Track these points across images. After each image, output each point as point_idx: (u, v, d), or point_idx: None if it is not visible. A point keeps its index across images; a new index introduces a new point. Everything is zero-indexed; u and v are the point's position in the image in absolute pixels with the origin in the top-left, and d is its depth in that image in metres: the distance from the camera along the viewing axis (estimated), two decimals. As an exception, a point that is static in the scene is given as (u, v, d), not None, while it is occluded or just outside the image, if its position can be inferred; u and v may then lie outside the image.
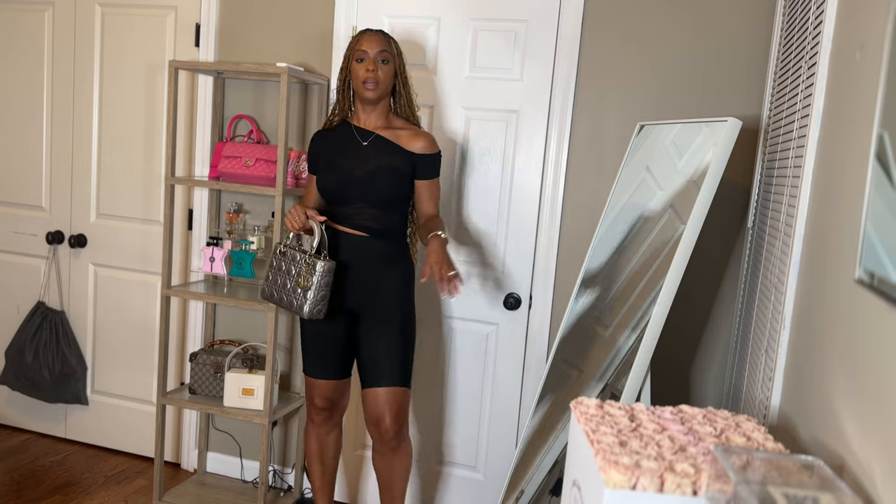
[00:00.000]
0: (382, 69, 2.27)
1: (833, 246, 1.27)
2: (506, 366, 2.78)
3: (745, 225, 2.50)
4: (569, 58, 2.59)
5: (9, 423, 3.48)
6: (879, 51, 1.10)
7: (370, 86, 2.26)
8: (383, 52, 2.27)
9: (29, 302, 3.35)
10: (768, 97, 2.30)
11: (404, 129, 2.35)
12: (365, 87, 2.26)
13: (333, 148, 2.36)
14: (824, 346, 1.26)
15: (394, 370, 2.30)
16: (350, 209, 2.32)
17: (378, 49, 2.27)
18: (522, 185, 2.70)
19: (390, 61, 2.29)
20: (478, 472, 2.87)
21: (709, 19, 2.47)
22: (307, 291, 2.19)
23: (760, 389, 1.74)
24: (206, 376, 2.84)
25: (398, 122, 2.37)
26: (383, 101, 2.34)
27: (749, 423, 1.19)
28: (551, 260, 2.68)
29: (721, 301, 2.56)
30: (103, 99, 3.18)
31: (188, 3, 3.00)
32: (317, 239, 2.23)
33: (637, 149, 2.27)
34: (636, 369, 1.82)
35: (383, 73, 2.27)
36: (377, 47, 2.27)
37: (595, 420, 1.15)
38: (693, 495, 0.94)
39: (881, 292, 0.95)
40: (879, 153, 0.99)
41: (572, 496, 1.15)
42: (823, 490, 0.86)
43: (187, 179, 2.79)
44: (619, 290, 2.06)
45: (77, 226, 3.28)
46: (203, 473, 3.15)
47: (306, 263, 2.21)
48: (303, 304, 2.20)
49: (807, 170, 1.53)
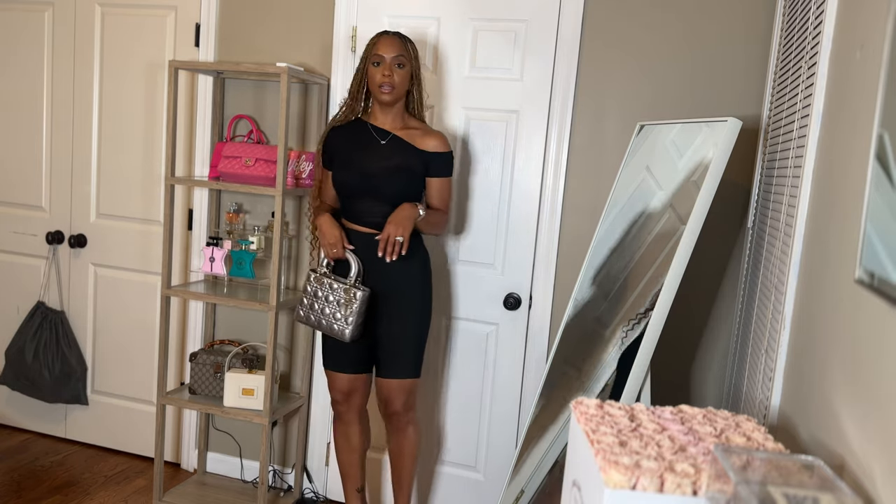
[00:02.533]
0: (398, 73, 2.33)
1: (833, 246, 1.27)
2: (506, 366, 2.78)
3: (745, 225, 2.49)
4: (569, 58, 2.59)
5: (9, 423, 3.48)
6: (879, 51, 1.10)
7: (386, 90, 2.33)
8: (399, 57, 2.33)
9: (29, 302, 3.35)
10: (768, 97, 2.30)
11: (418, 129, 2.42)
12: (381, 91, 2.33)
13: (351, 145, 2.41)
14: (824, 346, 1.26)
15: (408, 364, 2.43)
16: (364, 206, 2.37)
17: (394, 53, 2.32)
18: (522, 185, 2.70)
19: (406, 65, 2.35)
20: (478, 472, 2.87)
21: (709, 19, 2.47)
22: (348, 318, 2.31)
23: (760, 389, 1.74)
24: (206, 376, 2.84)
25: (413, 122, 2.44)
26: (399, 102, 2.40)
27: (749, 423, 1.18)
28: (551, 260, 2.68)
29: (721, 301, 2.56)
30: (103, 99, 3.18)
31: (188, 3, 3.00)
32: (354, 269, 2.34)
33: (637, 149, 2.27)
34: (636, 369, 1.82)
35: (399, 77, 2.33)
36: (393, 52, 2.32)
37: (595, 420, 1.15)
38: (693, 495, 0.94)
39: (881, 292, 0.95)
40: (879, 153, 0.99)
41: (572, 496, 1.15)
42: (823, 490, 0.86)
43: (187, 179, 2.79)
44: (620, 290, 2.06)
45: (77, 226, 3.28)
46: (203, 473, 3.15)
47: (345, 292, 2.32)
48: (344, 330, 2.32)
49: (807, 170, 1.53)
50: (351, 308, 2.30)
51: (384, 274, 2.36)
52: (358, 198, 2.38)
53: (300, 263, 2.97)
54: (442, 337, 2.85)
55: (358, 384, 2.50)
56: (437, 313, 2.83)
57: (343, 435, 2.58)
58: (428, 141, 2.39)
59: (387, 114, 2.40)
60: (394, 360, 2.41)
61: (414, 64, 2.38)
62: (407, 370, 2.42)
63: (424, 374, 2.87)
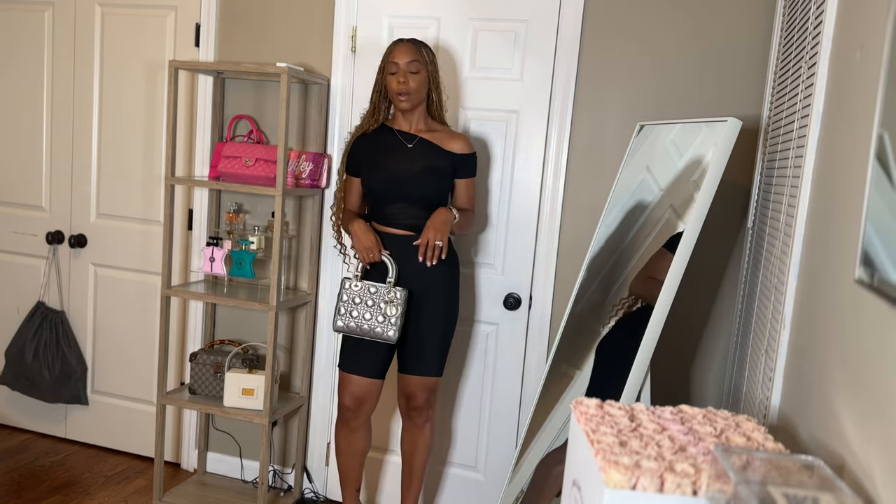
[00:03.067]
0: (413, 79, 2.37)
1: (833, 246, 1.27)
2: (506, 366, 2.78)
3: (745, 225, 2.49)
4: (569, 58, 2.59)
5: (9, 423, 3.48)
6: (879, 51, 1.10)
7: (403, 98, 2.38)
8: (413, 63, 2.36)
9: (29, 302, 3.35)
10: (768, 97, 2.30)
11: (442, 132, 2.48)
12: (399, 98, 2.38)
13: (377, 151, 2.45)
14: (824, 346, 1.26)
15: (433, 362, 2.47)
16: (395, 209, 2.42)
17: (408, 60, 2.36)
18: (522, 185, 2.70)
19: (421, 70, 2.38)
20: (478, 472, 2.87)
21: (709, 19, 2.47)
22: (391, 319, 2.36)
23: (760, 389, 1.74)
24: (206, 376, 2.84)
25: (436, 125, 2.50)
26: (420, 106, 2.45)
27: (749, 423, 1.18)
28: (551, 260, 2.68)
29: (721, 301, 2.56)
30: (103, 99, 3.18)
31: (188, 3, 3.00)
32: (393, 270, 2.37)
33: (637, 149, 2.27)
34: (636, 369, 1.82)
35: (415, 83, 2.37)
36: (407, 58, 2.36)
37: (595, 420, 1.15)
38: (693, 495, 0.94)
39: (881, 292, 0.95)
40: (879, 153, 0.99)
41: (572, 496, 1.15)
42: (823, 490, 0.86)
43: (187, 179, 2.79)
44: (620, 290, 2.06)
45: (77, 226, 3.28)
46: (203, 473, 3.15)
47: (387, 293, 2.36)
48: (388, 331, 2.36)
49: (807, 170, 1.53)
50: (394, 308, 2.34)
51: (417, 275, 2.40)
52: (389, 201, 2.42)
53: (300, 263, 2.97)
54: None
55: (372, 390, 2.49)
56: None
57: (346, 440, 2.56)
58: (453, 143, 2.44)
59: (409, 118, 2.45)
60: (421, 357, 2.45)
61: (430, 68, 2.41)
62: (432, 368, 2.46)
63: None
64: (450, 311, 2.48)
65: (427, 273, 2.40)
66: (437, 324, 2.45)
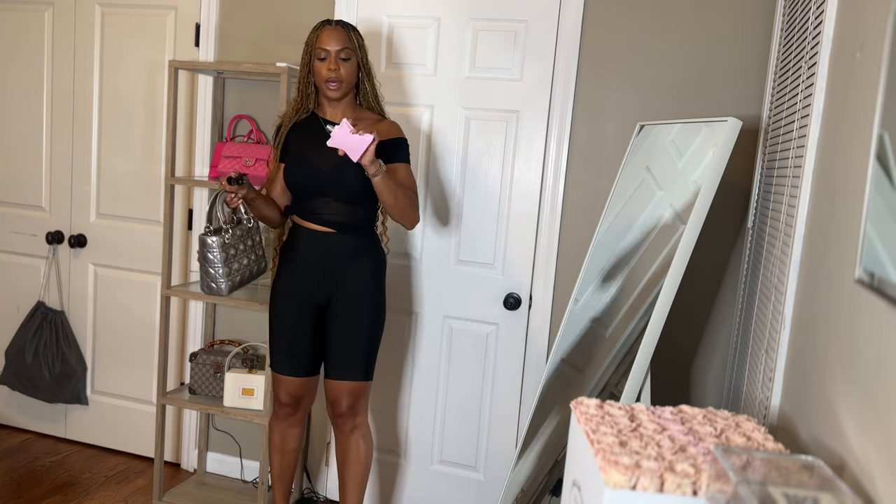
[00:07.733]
0: (344, 67, 2.23)
1: (833, 246, 1.27)
2: (506, 366, 2.78)
3: (745, 225, 2.50)
4: (569, 58, 2.59)
5: (9, 423, 3.48)
6: (879, 51, 1.10)
7: (333, 86, 2.23)
8: (345, 50, 2.23)
9: (29, 302, 3.35)
10: (768, 97, 2.30)
11: (368, 119, 2.32)
12: (328, 86, 2.24)
13: (302, 140, 2.33)
14: (824, 346, 1.26)
15: (358, 366, 2.35)
16: (316, 204, 2.30)
17: (339, 47, 2.22)
18: (522, 184, 2.70)
19: (352, 57, 2.25)
20: (478, 472, 2.87)
21: (708, 19, 2.47)
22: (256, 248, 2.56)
23: (760, 389, 1.74)
24: (206, 376, 2.84)
25: (364, 114, 2.35)
26: (349, 95, 2.32)
27: (749, 423, 1.19)
28: (551, 260, 2.68)
29: (721, 301, 2.56)
30: (103, 99, 3.18)
31: (188, 3, 3.00)
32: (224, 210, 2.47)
33: (637, 149, 2.27)
34: (636, 369, 1.82)
35: (346, 71, 2.23)
36: (337, 45, 2.22)
37: (595, 420, 1.15)
38: (693, 495, 0.94)
39: (881, 292, 0.95)
40: (879, 153, 0.99)
41: (572, 496, 1.15)
42: (823, 490, 0.86)
43: (187, 179, 2.79)
44: (620, 290, 2.06)
45: (77, 226, 3.28)
46: (203, 473, 3.15)
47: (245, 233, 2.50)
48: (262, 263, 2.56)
49: (807, 170, 1.53)
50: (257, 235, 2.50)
51: (338, 275, 2.32)
52: (309, 196, 2.30)
53: (300, 263, 2.97)
54: (441, 336, 2.85)
55: (309, 387, 2.45)
56: (437, 313, 2.83)
57: (282, 435, 2.51)
58: (378, 129, 2.25)
59: (336, 107, 2.31)
60: (343, 361, 2.34)
61: (360, 54, 2.27)
62: (356, 372, 2.34)
63: (424, 374, 2.87)
64: (374, 311, 2.35)
65: (347, 272, 2.31)
66: (359, 325, 2.32)
